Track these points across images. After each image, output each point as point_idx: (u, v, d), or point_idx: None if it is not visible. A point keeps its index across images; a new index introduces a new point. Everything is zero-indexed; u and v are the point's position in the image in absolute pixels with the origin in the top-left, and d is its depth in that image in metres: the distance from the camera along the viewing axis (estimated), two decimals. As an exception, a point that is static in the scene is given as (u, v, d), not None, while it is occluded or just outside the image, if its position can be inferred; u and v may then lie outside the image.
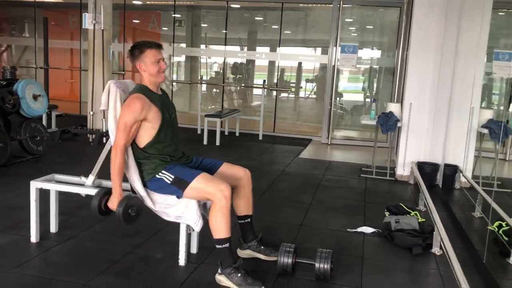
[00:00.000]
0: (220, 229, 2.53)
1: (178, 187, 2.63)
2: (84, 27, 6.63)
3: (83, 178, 3.02)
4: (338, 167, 5.95)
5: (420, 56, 5.24)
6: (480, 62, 4.98)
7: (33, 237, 3.02)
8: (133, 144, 2.72)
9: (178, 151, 2.84)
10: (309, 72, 10.16)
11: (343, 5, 7.57)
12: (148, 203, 2.73)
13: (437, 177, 5.13)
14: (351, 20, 8.74)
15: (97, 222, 3.43)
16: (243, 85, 10.10)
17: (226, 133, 7.83)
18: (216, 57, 10.34)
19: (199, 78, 9.14)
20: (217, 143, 6.90)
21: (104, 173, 3.04)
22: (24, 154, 5.23)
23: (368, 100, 9.14)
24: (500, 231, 3.59)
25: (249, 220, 2.94)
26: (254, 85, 9.94)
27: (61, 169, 4.74)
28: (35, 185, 2.97)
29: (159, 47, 2.72)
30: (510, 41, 7.91)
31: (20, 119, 5.17)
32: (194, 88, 10.06)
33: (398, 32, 7.59)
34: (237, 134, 7.96)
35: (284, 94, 9.88)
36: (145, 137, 2.69)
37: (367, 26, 9.21)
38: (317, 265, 2.64)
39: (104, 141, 6.55)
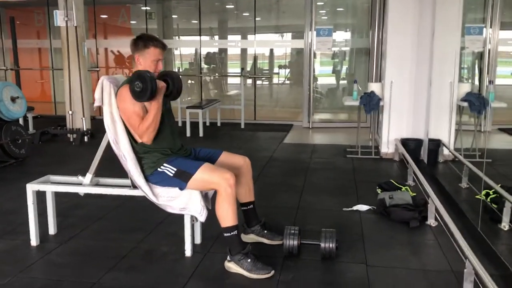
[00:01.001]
0: (227, 217, 2.55)
1: (181, 179, 2.63)
2: (56, 24, 6.46)
3: (80, 177, 2.99)
4: (323, 149, 6.04)
5: (397, 35, 5.34)
6: (456, 37, 5.09)
7: (33, 241, 2.97)
8: (131, 139, 2.71)
9: (177, 143, 2.84)
10: (285, 57, 10.19)
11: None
12: (151, 197, 2.72)
13: (421, 152, 5.26)
14: (322, 3, 8.78)
15: (95, 221, 3.42)
16: (217, 75, 10.05)
17: (208, 123, 7.81)
18: (190, 47, 10.24)
19: (175, 70, 9.05)
20: (201, 134, 6.88)
21: (101, 171, 3.02)
22: (6, 159, 5.11)
23: (342, 82, 9.28)
24: (488, 199, 3.74)
25: (251, 206, 2.97)
26: (233, 74, 9.89)
27: (47, 171, 4.64)
28: (31, 188, 2.92)
29: (163, 47, 2.70)
30: (478, 15, 8.10)
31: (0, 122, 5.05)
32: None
33: (371, 13, 7.69)
34: (218, 124, 7.96)
35: (261, 82, 9.89)
36: (143, 130, 2.67)
37: (338, 9, 9.29)
38: (322, 245, 2.70)
39: (86, 139, 6.47)
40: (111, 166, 3.00)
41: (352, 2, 8.99)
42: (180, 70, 9.72)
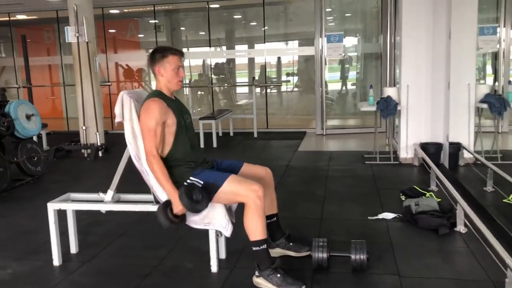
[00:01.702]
0: (257, 230, 2.48)
1: (207, 192, 2.57)
2: (68, 41, 6.47)
3: (101, 194, 2.93)
4: (340, 156, 5.95)
5: (412, 38, 5.28)
6: (472, 38, 5.01)
7: (56, 261, 2.92)
8: (155, 155, 2.65)
9: (200, 156, 2.78)
10: (294, 65, 10.16)
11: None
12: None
13: (441, 156, 5.16)
14: (330, 9, 8.74)
15: (116, 238, 3.36)
16: (228, 85, 10.03)
17: (220, 134, 7.76)
18: (200, 59, 10.23)
19: (187, 81, 9.04)
20: (214, 145, 6.83)
21: (123, 186, 2.97)
22: (22, 177, 5.09)
23: (353, 87, 9.22)
24: (517, 203, 3.64)
25: (275, 218, 2.90)
26: (244, 84, 9.87)
27: (64, 188, 4.64)
28: (52, 207, 2.87)
29: (181, 54, 2.67)
30: (491, 15, 8.00)
31: (15, 140, 5.03)
32: (179, 92, 9.95)
33: (381, 17, 7.62)
34: (231, 134, 7.91)
35: (270, 90, 9.84)
36: (165, 146, 2.63)
37: (346, 14, 9.24)
38: (353, 256, 2.62)
39: (100, 154, 6.44)
40: (129, 180, 2.94)
41: (360, 7, 8.94)
42: (188, 82, 9.72)
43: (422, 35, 5.23)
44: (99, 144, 6.49)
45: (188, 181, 2.62)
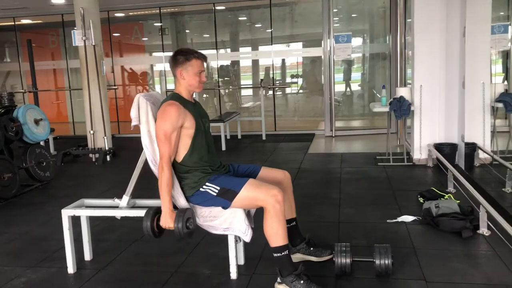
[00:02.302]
0: (277, 235, 2.40)
1: (225, 198, 2.50)
2: (75, 44, 6.42)
3: (116, 200, 2.86)
4: (352, 158, 5.86)
5: (424, 38, 5.20)
6: (487, 37, 4.93)
7: (70, 268, 2.85)
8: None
9: (216, 161, 2.71)
10: (301, 66, 10.08)
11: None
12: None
13: (456, 157, 5.07)
14: (336, 10, 8.67)
15: (130, 244, 3.29)
16: (236, 87, 9.96)
17: (228, 137, 7.68)
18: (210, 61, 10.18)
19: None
20: (223, 148, 6.76)
21: (137, 192, 2.90)
22: (31, 182, 5.03)
23: (360, 88, 9.14)
24: (539, 204, 3.55)
25: (294, 223, 2.83)
26: (251, 86, 9.82)
27: (74, 193, 4.60)
28: (67, 213, 2.80)
29: (205, 59, 2.60)
30: (502, 13, 7.91)
31: (23, 146, 4.97)
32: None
33: (390, 17, 7.55)
34: (239, 137, 7.83)
35: (279, 92, 9.78)
36: (182, 148, 2.55)
37: (353, 15, 9.18)
38: (377, 261, 2.54)
39: (108, 159, 6.38)
40: (141, 185, 2.88)
41: (367, 7, 8.87)
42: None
43: (434, 35, 5.16)
44: (107, 148, 6.43)
45: (204, 186, 2.55)
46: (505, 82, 6.82)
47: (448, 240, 3.08)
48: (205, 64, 2.64)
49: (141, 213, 2.79)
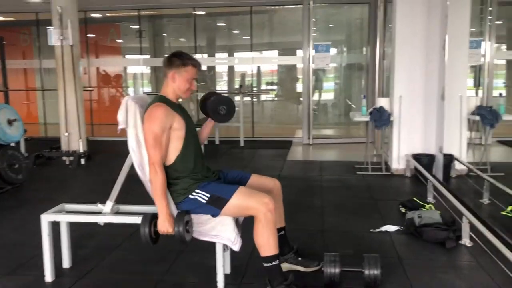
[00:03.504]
0: (268, 245, 2.37)
1: (215, 206, 2.44)
2: (51, 43, 6.24)
3: (99, 205, 2.76)
4: (331, 166, 5.89)
5: (405, 50, 5.28)
6: (465, 51, 5.06)
7: (48, 276, 2.72)
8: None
9: (205, 167, 2.65)
10: (279, 74, 10.12)
11: (314, 4, 7.52)
12: (179, 224, 2.51)
13: (433, 168, 5.15)
14: (315, 19, 8.74)
15: (111, 251, 3.19)
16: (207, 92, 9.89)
17: (206, 142, 7.59)
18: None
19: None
20: (201, 153, 6.67)
21: (121, 197, 2.81)
22: (2, 185, 4.82)
23: (338, 97, 9.22)
24: (516, 215, 3.63)
25: (283, 232, 2.79)
26: (232, 92, 9.78)
27: (49, 197, 4.46)
28: (46, 219, 2.68)
29: (200, 67, 2.56)
30: (474, 29, 8.15)
31: (-5, 147, 4.78)
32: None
33: (368, 28, 7.66)
34: (217, 143, 7.77)
35: (256, 99, 9.76)
36: (172, 152, 2.48)
37: (330, 25, 9.27)
38: (366, 272, 2.53)
39: (83, 162, 6.20)
40: (123, 190, 2.79)
41: (344, 18, 8.99)
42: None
43: (415, 47, 5.24)
44: (81, 151, 6.25)
45: (194, 193, 2.49)
46: (480, 96, 7.02)
47: (432, 251, 3.11)
48: (197, 73, 2.60)
49: (125, 219, 2.72)
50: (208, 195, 2.45)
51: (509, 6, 8.01)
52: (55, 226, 2.79)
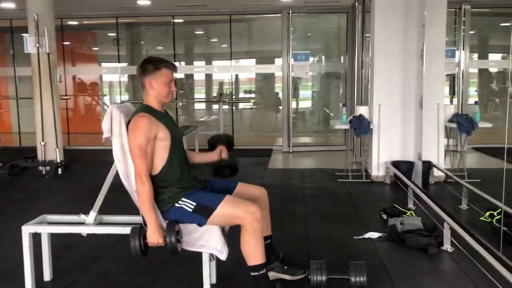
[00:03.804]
0: (256, 254, 2.36)
1: (201, 215, 2.42)
2: (27, 51, 6.12)
3: (82, 216, 2.70)
4: (312, 174, 5.92)
5: (384, 60, 5.38)
6: (442, 60, 5.17)
7: (29, 290, 2.65)
8: (146, 172, 2.47)
9: (192, 175, 2.63)
10: (259, 82, 10.15)
11: (292, 14, 7.60)
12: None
13: (412, 175, 5.24)
14: (292, 28, 8.82)
15: (93, 262, 3.12)
16: (193, 100, 9.87)
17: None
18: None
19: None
20: (181, 162, 6.63)
21: (105, 208, 2.76)
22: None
23: (316, 105, 9.31)
24: (494, 221, 3.71)
25: (269, 241, 2.78)
26: (211, 100, 9.78)
27: (26, 207, 4.35)
28: (28, 230, 2.61)
29: (175, 68, 2.53)
30: (448, 38, 8.35)
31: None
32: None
33: (346, 37, 7.77)
34: (197, 151, 7.71)
35: (235, 106, 9.77)
36: (158, 161, 2.45)
37: (308, 34, 9.36)
38: (352, 279, 2.54)
39: (60, 172, 6.08)
40: (108, 200, 2.74)
41: (322, 27, 9.09)
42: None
43: (393, 57, 5.35)
44: (58, 160, 6.13)
45: (180, 202, 2.46)
46: (455, 103, 7.19)
47: (415, 257, 3.15)
48: (174, 74, 2.58)
49: (109, 229, 2.68)
50: (194, 204, 2.43)
51: (481, 17, 8.24)
52: (35, 237, 2.72)
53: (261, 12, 8.43)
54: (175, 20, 8.63)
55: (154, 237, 2.32)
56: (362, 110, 5.48)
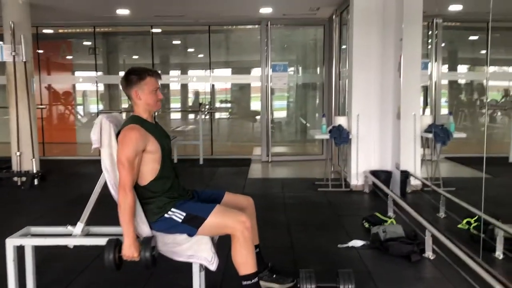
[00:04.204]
0: (247, 263, 2.38)
1: (191, 225, 2.42)
2: (2, 60, 6.00)
3: (69, 227, 2.66)
4: (292, 183, 5.98)
5: (362, 71, 5.51)
6: (418, 72, 5.32)
7: (13, 304, 2.59)
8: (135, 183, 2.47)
9: (181, 186, 2.64)
10: (238, 92, 10.21)
11: (271, 26, 7.69)
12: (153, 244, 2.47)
13: (390, 184, 5.35)
14: (268, 39, 8.92)
15: (77, 274, 3.08)
16: (174, 110, 9.83)
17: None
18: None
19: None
20: (161, 172, 6.58)
21: (93, 218, 2.72)
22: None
23: (293, 116, 9.42)
24: (471, 228, 3.83)
25: (257, 250, 2.80)
26: (191, 110, 9.77)
27: (3, 220, 4.24)
28: (12, 243, 2.55)
29: (159, 75, 2.53)
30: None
31: None
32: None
33: (323, 49, 7.90)
34: (175, 161, 7.67)
35: (207, 116, 9.77)
36: (148, 173, 2.45)
37: (286, 45, 9.49)
38: (341, 287, 2.59)
39: (36, 182, 5.95)
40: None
41: (299, 38, 9.23)
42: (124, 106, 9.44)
43: (371, 68, 5.49)
44: (35, 171, 6.01)
45: (170, 212, 2.46)
46: (429, 114, 7.39)
47: (398, 264, 3.22)
48: (159, 82, 2.59)
49: (97, 241, 2.63)
50: (184, 214, 2.43)
51: (450, 30, 8.53)
52: (17, 250, 2.66)
53: (240, 23, 8.49)
54: (154, 30, 8.60)
55: (129, 251, 2.30)
56: (341, 121, 5.58)
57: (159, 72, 2.61)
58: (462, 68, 9.73)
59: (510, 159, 7.45)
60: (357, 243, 3.61)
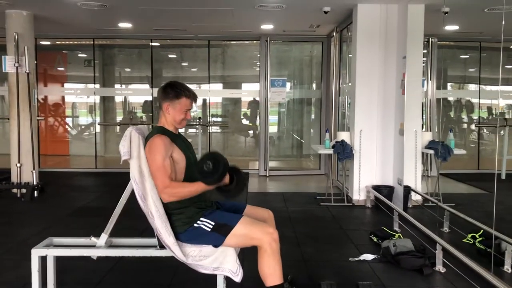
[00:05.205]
0: (275, 275, 2.42)
1: (219, 233, 2.45)
2: (5, 70, 5.98)
3: (93, 239, 2.67)
4: (293, 198, 6.02)
5: (365, 88, 5.63)
6: (419, 90, 5.45)
7: (35, 315, 2.58)
8: (163, 195, 2.50)
9: (207, 196, 2.67)
10: (235, 107, 10.26)
11: (271, 41, 7.81)
12: (180, 257, 2.49)
13: (392, 199, 5.43)
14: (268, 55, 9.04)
15: (95, 286, 3.06)
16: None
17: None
18: (141, 96, 9.92)
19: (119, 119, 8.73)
20: (161, 185, 6.57)
21: (115, 230, 2.74)
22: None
23: (290, 131, 9.49)
24: (477, 243, 3.92)
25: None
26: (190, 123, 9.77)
27: (5, 232, 4.22)
28: (37, 253, 2.56)
29: (195, 98, 2.59)
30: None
31: None
32: (110, 129, 9.56)
33: (321, 66, 8.03)
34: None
35: (198, 130, 9.80)
36: (176, 184, 2.49)
37: (281, 62, 9.61)
38: (363, 299, 2.63)
39: (36, 194, 5.90)
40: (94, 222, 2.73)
41: (296, 55, 9.35)
42: (119, 119, 9.45)
43: (373, 86, 5.62)
44: (35, 183, 5.96)
45: (199, 222, 2.50)
46: (429, 131, 7.52)
47: (411, 278, 3.28)
48: (194, 104, 2.64)
49: (121, 252, 2.66)
50: (213, 223, 2.47)
51: (442, 49, 8.74)
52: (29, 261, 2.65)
53: (239, 38, 8.59)
54: (153, 44, 8.66)
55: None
56: (343, 136, 5.67)
57: (196, 95, 2.63)
58: (454, 86, 9.94)
59: (503, 176, 7.61)
60: (368, 256, 3.66)
